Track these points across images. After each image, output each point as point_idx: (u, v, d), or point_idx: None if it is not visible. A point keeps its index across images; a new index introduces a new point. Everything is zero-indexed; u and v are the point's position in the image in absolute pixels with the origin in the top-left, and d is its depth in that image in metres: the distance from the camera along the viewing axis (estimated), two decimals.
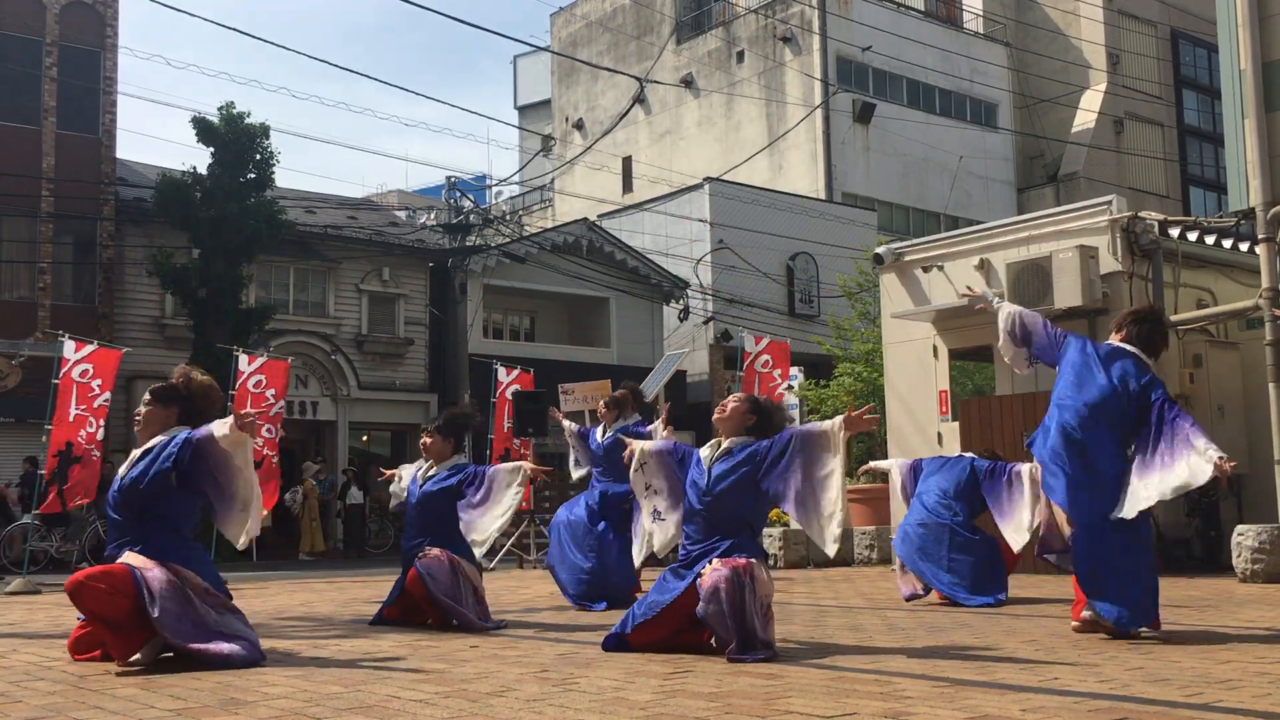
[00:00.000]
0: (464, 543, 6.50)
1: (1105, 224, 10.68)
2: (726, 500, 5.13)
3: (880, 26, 33.88)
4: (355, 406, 24.11)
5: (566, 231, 27.27)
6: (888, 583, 9.68)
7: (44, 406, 12.12)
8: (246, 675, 4.60)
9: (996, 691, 3.94)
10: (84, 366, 11.88)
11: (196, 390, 5.30)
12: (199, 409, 5.28)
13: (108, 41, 22.64)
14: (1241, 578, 8.90)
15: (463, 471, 6.57)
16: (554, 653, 5.26)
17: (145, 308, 22.23)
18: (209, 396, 5.34)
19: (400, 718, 3.62)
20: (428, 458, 6.76)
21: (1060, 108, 37.25)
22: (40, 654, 5.52)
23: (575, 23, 40.66)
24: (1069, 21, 37.62)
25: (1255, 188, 9.53)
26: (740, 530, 5.14)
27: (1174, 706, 3.61)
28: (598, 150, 34.34)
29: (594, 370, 22.15)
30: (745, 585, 4.85)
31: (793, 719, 3.49)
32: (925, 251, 12.23)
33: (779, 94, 34.08)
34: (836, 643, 5.43)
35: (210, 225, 20.11)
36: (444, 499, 6.52)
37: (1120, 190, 26.25)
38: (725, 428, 5.33)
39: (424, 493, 6.58)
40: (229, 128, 20.64)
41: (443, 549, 6.40)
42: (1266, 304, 9.51)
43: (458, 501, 6.50)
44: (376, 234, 25.02)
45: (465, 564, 6.43)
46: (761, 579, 4.95)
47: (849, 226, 28.76)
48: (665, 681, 4.25)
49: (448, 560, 6.37)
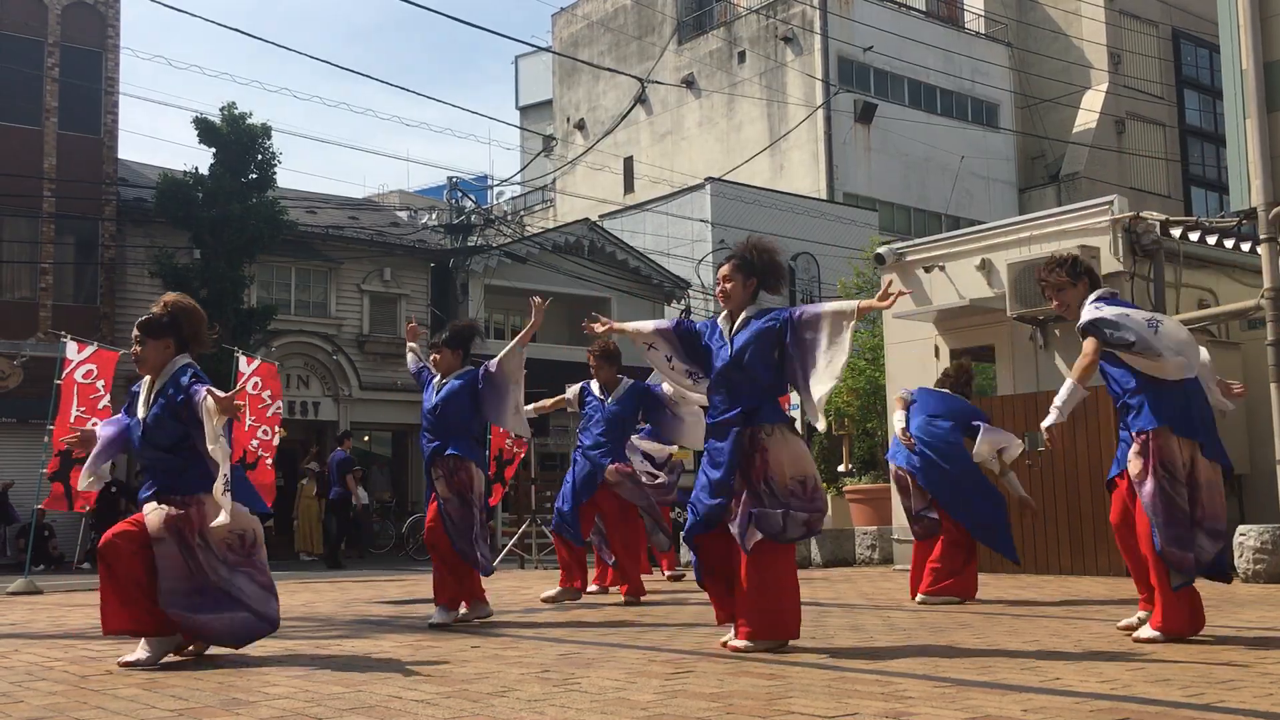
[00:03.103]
0: (477, 446, 6.81)
1: (1107, 224, 10.67)
2: (752, 369, 5.19)
3: (881, 26, 33.87)
4: (356, 407, 24.13)
5: (568, 232, 27.29)
6: (889, 582, 9.68)
7: (45, 407, 12.13)
8: (248, 675, 4.60)
9: (998, 691, 3.93)
10: (87, 368, 11.89)
11: (182, 316, 5.24)
12: (191, 333, 5.25)
13: (109, 42, 22.66)
14: (1243, 578, 8.90)
15: (470, 375, 6.77)
16: (555, 653, 5.26)
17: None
18: (194, 318, 5.29)
19: (401, 718, 3.62)
20: (439, 371, 6.90)
21: (1061, 108, 37.23)
22: (42, 654, 5.52)
23: (576, 23, 40.66)
24: (1070, 21, 37.61)
25: (1257, 188, 9.52)
26: (764, 396, 5.22)
27: (1176, 706, 3.60)
28: (599, 150, 34.35)
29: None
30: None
31: (794, 719, 3.49)
32: (926, 252, 12.22)
33: (780, 94, 34.08)
34: (838, 643, 5.43)
35: (212, 225, 20.13)
36: (457, 403, 6.71)
37: (1122, 190, 26.23)
38: (735, 305, 5.35)
39: (441, 399, 6.76)
40: (230, 128, 20.66)
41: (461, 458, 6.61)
42: (1268, 304, 9.51)
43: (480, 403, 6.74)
44: (378, 234, 25.03)
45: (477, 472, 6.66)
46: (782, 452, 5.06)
47: (850, 227, 28.76)
48: (667, 681, 4.25)
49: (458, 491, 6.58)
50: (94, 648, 5.76)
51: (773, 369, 5.23)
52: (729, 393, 5.22)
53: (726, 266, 5.37)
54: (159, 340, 5.19)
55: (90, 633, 6.63)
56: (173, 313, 5.23)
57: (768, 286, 5.38)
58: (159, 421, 5.06)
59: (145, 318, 5.23)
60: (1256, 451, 10.44)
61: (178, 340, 5.21)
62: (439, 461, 6.68)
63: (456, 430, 6.71)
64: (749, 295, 5.34)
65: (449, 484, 6.62)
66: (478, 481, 6.66)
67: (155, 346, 5.18)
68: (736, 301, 5.33)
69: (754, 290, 5.36)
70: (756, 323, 5.23)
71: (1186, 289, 11.14)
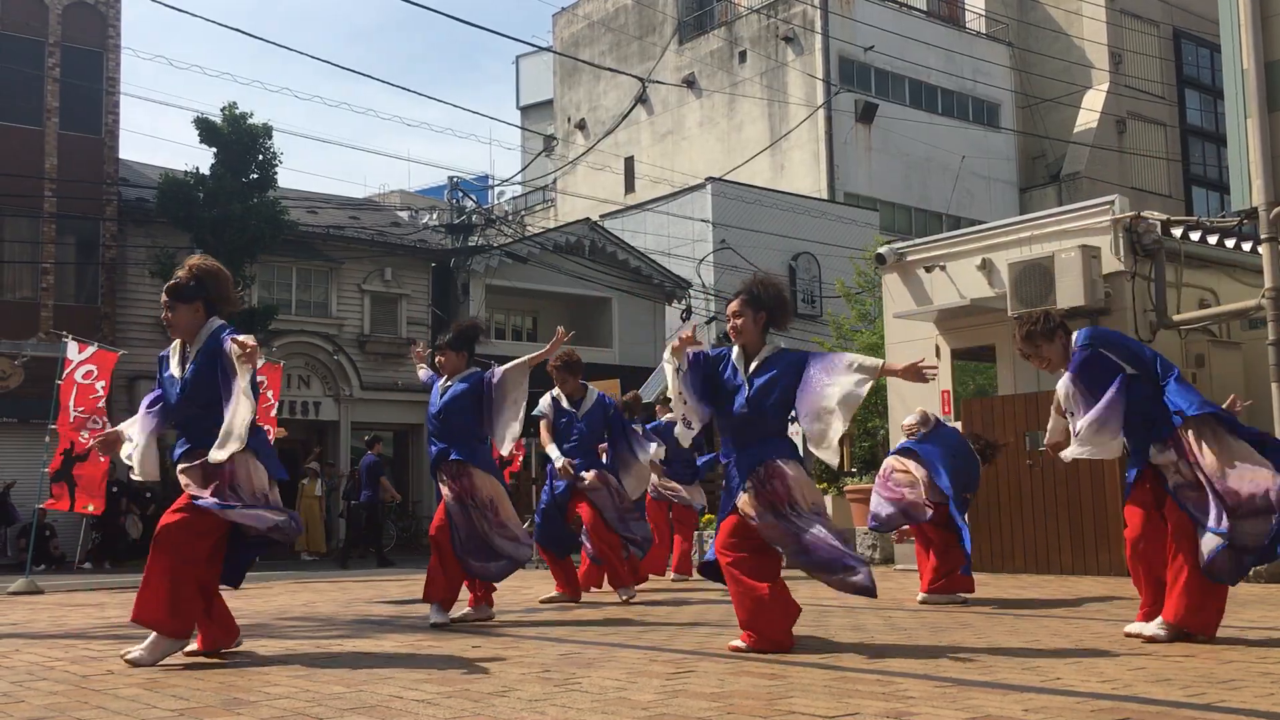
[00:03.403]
0: (482, 449, 6.77)
1: (1108, 224, 10.66)
2: (771, 411, 5.27)
3: (882, 26, 33.86)
4: (357, 407, 24.12)
5: (568, 231, 27.28)
6: (889, 582, 9.68)
7: (47, 407, 12.13)
8: (249, 675, 4.60)
9: (999, 691, 3.93)
10: (87, 368, 11.89)
11: (207, 278, 5.28)
12: (218, 294, 5.30)
13: (110, 42, 22.66)
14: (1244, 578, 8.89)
15: (474, 379, 6.78)
16: (556, 653, 5.26)
17: (148, 308, 22.24)
18: (220, 279, 5.33)
19: (403, 717, 3.62)
20: (444, 373, 6.91)
21: (1062, 107, 37.22)
22: (43, 654, 5.52)
23: (577, 23, 40.66)
24: (1071, 21, 37.60)
25: (1258, 187, 9.53)
26: (774, 433, 5.31)
27: (1177, 706, 3.60)
28: (600, 150, 34.36)
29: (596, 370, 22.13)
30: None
31: (795, 719, 3.49)
32: (927, 251, 12.22)
33: (781, 94, 34.08)
34: (838, 642, 5.43)
35: (213, 225, 20.13)
36: (460, 406, 6.72)
37: (1123, 190, 26.23)
38: (748, 340, 5.41)
39: (444, 403, 6.78)
40: (231, 128, 20.66)
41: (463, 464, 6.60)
42: (1269, 304, 9.50)
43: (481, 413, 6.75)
44: (379, 234, 25.03)
45: (480, 476, 6.62)
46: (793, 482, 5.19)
47: (851, 226, 28.75)
48: (667, 681, 4.25)
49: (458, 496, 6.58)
50: (95, 647, 5.76)
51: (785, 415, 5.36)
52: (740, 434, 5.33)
53: (735, 303, 5.44)
54: (189, 304, 5.23)
55: (91, 632, 6.64)
56: (198, 276, 5.26)
57: (775, 322, 5.43)
58: (199, 377, 5.13)
59: (173, 283, 5.27)
60: None
61: (206, 303, 5.26)
62: (443, 466, 6.70)
63: (460, 434, 6.71)
64: (760, 330, 5.40)
65: (452, 490, 6.63)
66: (483, 486, 6.63)
67: (185, 310, 5.22)
68: (749, 336, 5.40)
69: (764, 325, 5.41)
70: (775, 370, 5.30)
71: (1187, 289, 11.14)
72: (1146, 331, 10.43)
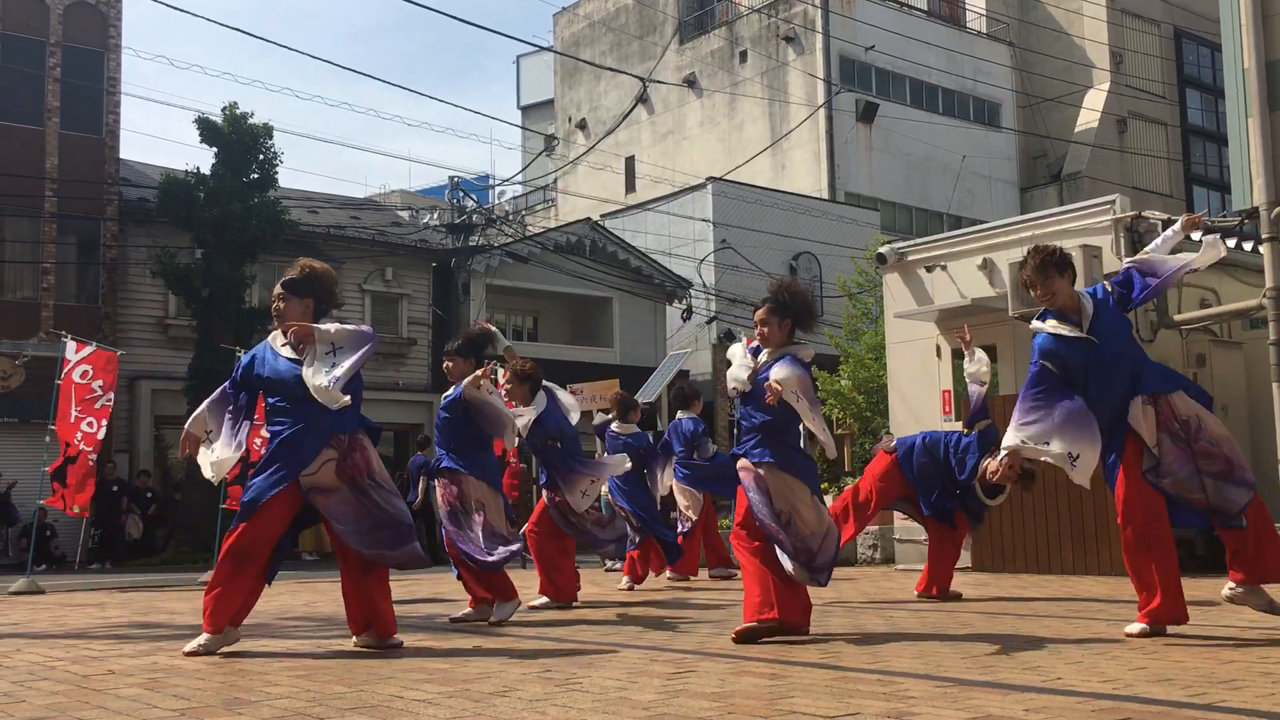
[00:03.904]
0: (477, 452, 6.78)
1: (1109, 223, 10.66)
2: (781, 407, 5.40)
3: (883, 26, 33.87)
4: None
5: (569, 231, 27.27)
6: (890, 582, 9.68)
7: (47, 407, 12.13)
8: (250, 675, 4.60)
9: (1000, 691, 3.93)
10: (84, 368, 11.88)
11: (316, 279, 5.51)
12: (326, 294, 5.54)
13: (111, 42, 22.65)
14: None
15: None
16: (557, 652, 5.26)
17: (148, 308, 22.24)
18: (328, 281, 5.59)
19: (403, 717, 3.62)
20: (452, 380, 6.93)
21: (1063, 107, 37.22)
22: (43, 654, 5.53)
23: (578, 22, 40.67)
24: (1072, 21, 37.59)
25: (1259, 187, 9.52)
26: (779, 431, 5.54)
27: (1177, 706, 3.60)
28: (600, 150, 34.36)
29: (597, 370, 22.17)
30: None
31: (796, 719, 3.49)
32: (928, 251, 12.22)
33: (782, 94, 34.08)
34: (839, 642, 5.43)
35: (213, 225, 20.11)
36: (454, 411, 6.75)
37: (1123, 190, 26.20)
38: (774, 346, 5.56)
39: (441, 409, 6.85)
40: (232, 128, 20.64)
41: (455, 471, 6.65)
42: (1270, 303, 9.50)
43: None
44: (379, 234, 25.03)
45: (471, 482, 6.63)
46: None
47: (852, 226, 28.75)
48: (668, 681, 4.25)
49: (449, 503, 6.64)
50: (95, 647, 5.76)
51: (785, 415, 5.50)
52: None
53: (762, 310, 5.59)
54: (301, 299, 5.46)
55: (92, 632, 6.64)
56: (310, 276, 5.50)
57: (802, 326, 5.60)
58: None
59: (288, 277, 5.51)
60: (1259, 451, 10.43)
61: (317, 301, 5.49)
62: (437, 475, 6.78)
63: (454, 441, 6.73)
64: (785, 335, 5.57)
65: (443, 498, 6.70)
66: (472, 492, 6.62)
67: (296, 304, 5.45)
68: (775, 343, 5.57)
69: (789, 330, 5.58)
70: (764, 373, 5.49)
71: (1188, 288, 11.12)
72: (1147, 331, 10.42)
